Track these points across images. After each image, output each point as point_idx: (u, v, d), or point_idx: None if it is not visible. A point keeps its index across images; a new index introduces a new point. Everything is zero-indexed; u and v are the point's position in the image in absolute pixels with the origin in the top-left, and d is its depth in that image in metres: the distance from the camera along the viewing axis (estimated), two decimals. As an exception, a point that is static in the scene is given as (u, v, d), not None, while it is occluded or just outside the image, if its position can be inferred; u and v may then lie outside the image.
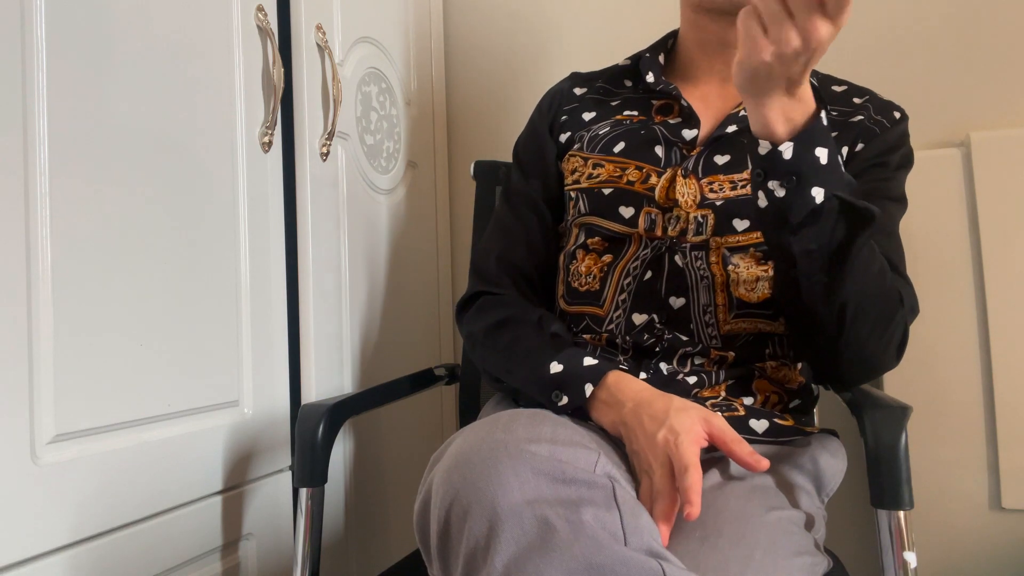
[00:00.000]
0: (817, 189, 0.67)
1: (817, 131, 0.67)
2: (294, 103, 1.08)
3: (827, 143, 0.67)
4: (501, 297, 0.92)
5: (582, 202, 0.90)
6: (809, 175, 0.67)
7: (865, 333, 0.75)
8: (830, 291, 0.72)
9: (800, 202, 0.67)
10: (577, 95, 0.99)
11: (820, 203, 0.67)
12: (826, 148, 0.67)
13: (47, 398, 0.74)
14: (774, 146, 0.67)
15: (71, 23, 0.77)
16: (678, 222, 0.84)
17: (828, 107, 0.89)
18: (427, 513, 0.60)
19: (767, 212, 0.70)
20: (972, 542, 1.13)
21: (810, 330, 0.78)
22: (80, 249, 0.77)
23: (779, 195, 0.68)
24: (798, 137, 0.66)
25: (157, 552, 0.86)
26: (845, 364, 0.78)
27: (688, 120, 0.89)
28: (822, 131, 0.67)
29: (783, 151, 0.66)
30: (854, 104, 0.89)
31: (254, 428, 1.00)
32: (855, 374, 0.80)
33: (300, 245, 1.08)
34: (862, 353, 0.77)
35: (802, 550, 0.65)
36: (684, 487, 0.62)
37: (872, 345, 0.76)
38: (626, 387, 0.74)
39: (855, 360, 0.77)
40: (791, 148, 0.66)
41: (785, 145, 0.66)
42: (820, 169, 0.67)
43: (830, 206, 0.67)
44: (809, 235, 0.69)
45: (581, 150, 0.93)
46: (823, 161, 0.67)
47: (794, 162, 0.66)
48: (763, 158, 0.68)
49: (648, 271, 0.85)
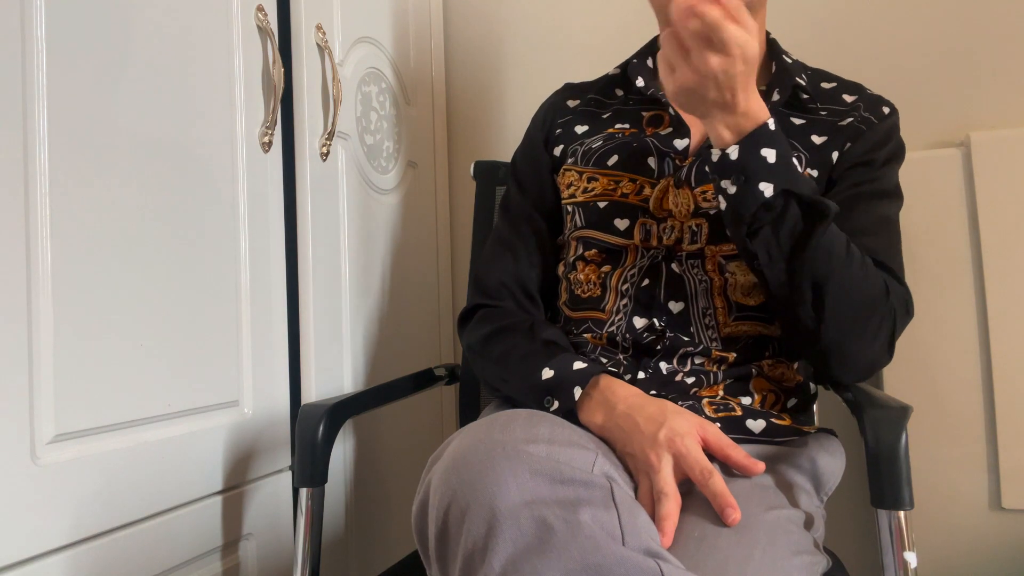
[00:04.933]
0: (766, 184, 0.72)
1: (762, 135, 0.72)
2: (294, 103, 1.08)
3: (774, 145, 0.72)
4: (499, 309, 0.93)
5: (578, 216, 0.91)
6: (757, 172, 0.72)
7: (847, 327, 0.76)
8: (795, 283, 0.75)
9: (750, 197, 0.72)
10: (570, 107, 1.00)
11: (769, 197, 0.71)
12: (774, 149, 0.72)
13: (47, 398, 0.74)
14: (722, 151, 0.73)
15: (71, 23, 0.77)
16: (673, 232, 0.85)
17: (818, 106, 0.89)
18: (425, 514, 0.60)
19: (726, 214, 0.75)
20: (972, 542, 1.13)
21: (794, 327, 0.79)
22: (80, 249, 0.77)
23: (731, 192, 0.73)
24: (743, 141, 0.72)
25: (157, 552, 0.86)
26: (834, 360, 0.79)
27: (678, 130, 0.89)
28: (768, 135, 0.72)
29: (730, 153, 0.72)
30: (844, 103, 0.90)
31: (254, 428, 1.00)
32: (846, 370, 0.80)
33: (300, 245, 1.08)
34: (846, 346, 0.77)
35: (801, 549, 0.65)
36: (715, 492, 0.65)
37: (855, 338, 0.77)
38: (617, 390, 0.75)
39: (841, 354, 0.78)
40: (737, 149, 0.72)
41: (731, 148, 0.72)
42: (768, 167, 0.72)
43: (783, 200, 0.72)
44: (768, 229, 0.73)
45: (575, 164, 0.93)
46: (771, 160, 0.72)
47: (740, 161, 0.72)
48: (715, 164, 0.74)
49: (646, 279, 0.86)
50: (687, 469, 0.67)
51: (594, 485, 0.56)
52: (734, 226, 0.75)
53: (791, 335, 0.82)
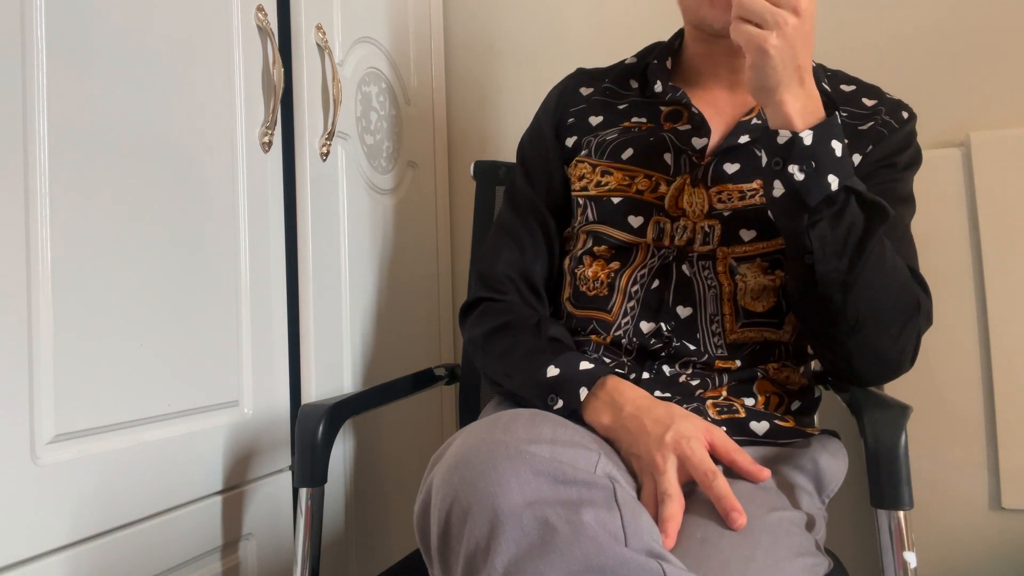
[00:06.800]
0: (832, 177, 0.71)
1: (833, 126, 0.72)
2: (294, 103, 1.08)
3: (841, 139, 0.72)
4: (503, 303, 0.92)
5: (590, 210, 0.90)
6: (826, 162, 0.71)
7: (881, 329, 0.76)
8: (846, 282, 0.74)
9: (817, 187, 0.71)
10: (583, 95, 0.98)
11: (835, 190, 0.71)
12: (840, 143, 0.72)
13: (47, 398, 0.74)
14: (794, 134, 0.71)
15: (71, 23, 0.77)
16: (685, 231, 0.84)
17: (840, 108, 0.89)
18: (427, 514, 0.60)
19: (784, 200, 0.73)
20: (972, 542, 1.13)
21: (825, 326, 0.78)
22: (80, 249, 0.77)
23: (798, 179, 0.71)
24: (817, 127, 0.71)
25: (157, 552, 0.86)
26: (863, 362, 0.79)
27: (699, 128, 0.87)
28: (837, 128, 0.72)
29: (804, 137, 0.71)
30: (865, 106, 0.89)
31: (254, 428, 1.00)
32: (872, 373, 0.80)
33: (300, 245, 1.08)
34: (878, 350, 0.78)
35: (803, 551, 0.65)
36: (719, 495, 0.64)
37: (888, 342, 0.77)
38: (625, 391, 0.74)
39: (872, 357, 0.78)
40: (811, 135, 0.71)
41: (806, 132, 0.71)
42: (835, 160, 0.71)
43: (844, 196, 0.71)
44: (826, 223, 0.72)
45: (589, 156, 0.92)
46: (837, 154, 0.72)
47: (813, 148, 0.71)
48: (782, 147, 0.72)
49: (656, 280, 0.85)
50: (692, 471, 0.67)
51: (597, 486, 0.56)
52: (793, 215, 0.73)
53: (814, 334, 0.82)
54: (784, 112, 0.71)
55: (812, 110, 0.72)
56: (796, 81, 0.71)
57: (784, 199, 0.73)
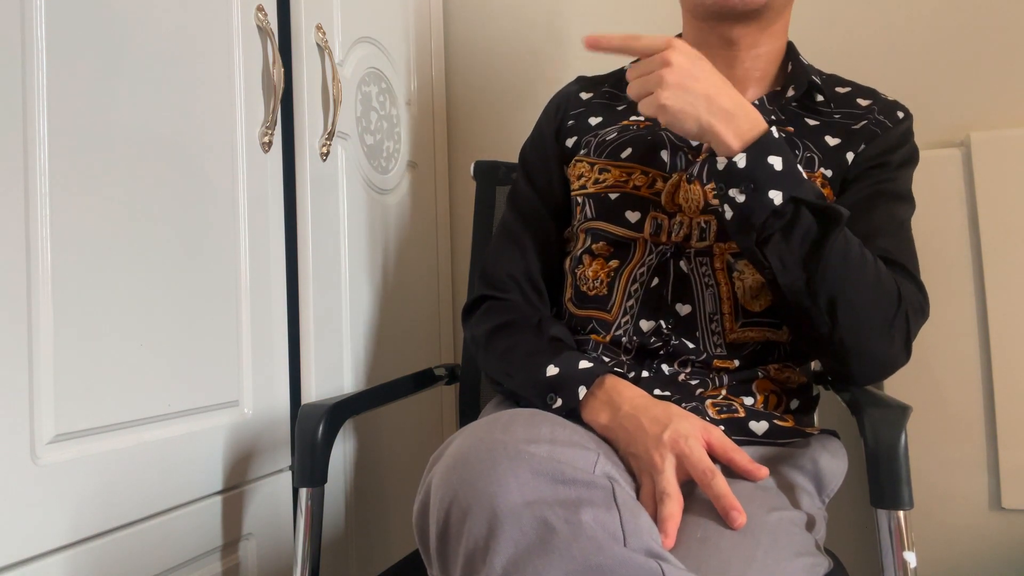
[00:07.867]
0: (775, 192, 0.72)
1: (768, 143, 0.73)
2: (294, 103, 1.08)
3: (780, 153, 0.73)
4: (505, 302, 0.93)
5: (588, 207, 0.90)
6: (765, 180, 0.72)
7: (863, 327, 0.76)
8: (812, 290, 0.75)
9: (760, 205, 0.72)
10: (583, 99, 0.99)
11: (779, 205, 0.72)
12: (779, 157, 0.73)
13: (47, 398, 0.74)
14: (729, 159, 0.73)
15: (71, 23, 0.77)
16: (682, 227, 0.85)
17: (832, 108, 0.89)
18: (426, 514, 0.60)
19: (734, 221, 0.75)
20: (972, 542, 1.13)
21: (808, 331, 0.79)
22: (80, 249, 0.77)
23: (740, 200, 0.73)
24: (750, 148, 0.72)
25: (157, 552, 0.86)
26: (853, 361, 0.79)
27: None
28: (774, 143, 0.73)
29: (737, 161, 0.72)
30: (859, 107, 0.90)
31: (254, 428, 1.00)
32: (866, 371, 0.80)
33: (300, 245, 1.08)
34: (866, 348, 0.77)
35: (803, 551, 0.65)
36: (718, 494, 0.64)
37: (874, 339, 0.77)
38: (623, 391, 0.75)
39: (861, 356, 0.78)
40: (744, 157, 0.72)
41: (739, 156, 0.72)
42: (776, 175, 0.72)
43: (793, 207, 0.72)
44: (778, 236, 0.73)
45: (588, 155, 0.93)
46: (778, 168, 0.72)
47: (748, 169, 0.72)
48: (721, 172, 0.74)
49: (655, 277, 0.85)
50: (690, 469, 0.67)
51: (595, 486, 0.56)
52: (742, 235, 0.75)
53: (803, 339, 0.82)
54: (721, 140, 0.73)
55: (749, 126, 0.73)
56: (715, 107, 0.72)
57: (734, 221, 0.74)
